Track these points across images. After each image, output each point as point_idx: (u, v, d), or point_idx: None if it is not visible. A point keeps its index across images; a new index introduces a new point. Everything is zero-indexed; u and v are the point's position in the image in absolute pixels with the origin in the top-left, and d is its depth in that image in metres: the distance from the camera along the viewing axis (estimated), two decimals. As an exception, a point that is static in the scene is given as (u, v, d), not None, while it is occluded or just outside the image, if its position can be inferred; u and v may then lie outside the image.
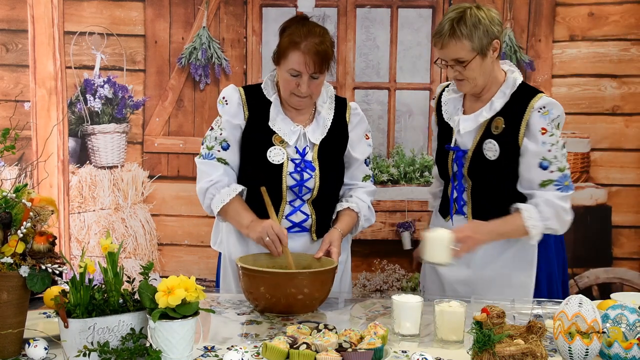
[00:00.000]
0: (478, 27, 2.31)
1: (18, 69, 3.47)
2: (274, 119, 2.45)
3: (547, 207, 2.35)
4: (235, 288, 2.55)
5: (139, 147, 3.52)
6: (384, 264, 3.54)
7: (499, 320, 1.69)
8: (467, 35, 2.30)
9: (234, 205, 2.41)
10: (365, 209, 2.54)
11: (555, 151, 2.37)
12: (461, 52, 2.32)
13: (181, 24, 3.45)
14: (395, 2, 3.42)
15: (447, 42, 2.32)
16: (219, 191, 2.42)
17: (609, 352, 1.74)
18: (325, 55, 2.35)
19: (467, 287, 2.47)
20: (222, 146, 2.46)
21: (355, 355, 1.70)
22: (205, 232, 3.36)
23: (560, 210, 2.36)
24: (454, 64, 2.35)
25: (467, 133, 2.45)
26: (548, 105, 2.37)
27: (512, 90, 2.41)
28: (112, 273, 1.75)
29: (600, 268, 3.46)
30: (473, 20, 2.31)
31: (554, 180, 2.37)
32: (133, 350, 1.69)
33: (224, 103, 2.48)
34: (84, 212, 3.54)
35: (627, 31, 3.35)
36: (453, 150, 2.47)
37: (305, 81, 2.36)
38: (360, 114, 2.58)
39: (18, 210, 1.76)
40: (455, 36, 2.30)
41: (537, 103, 2.37)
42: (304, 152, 2.46)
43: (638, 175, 3.42)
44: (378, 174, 3.49)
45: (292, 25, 2.39)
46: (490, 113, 2.41)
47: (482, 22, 2.31)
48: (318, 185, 2.45)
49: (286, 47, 2.35)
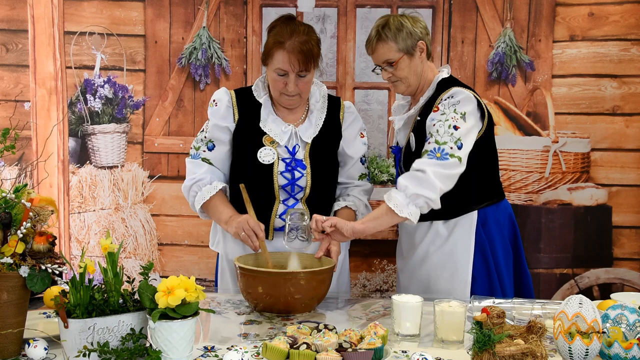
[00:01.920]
0: (401, 29, 2.51)
1: (18, 69, 3.47)
2: (264, 120, 2.48)
3: (405, 177, 2.36)
4: (232, 288, 2.56)
5: (139, 147, 3.52)
6: (384, 264, 3.54)
7: (499, 320, 1.69)
8: (392, 38, 2.50)
9: (214, 201, 2.47)
10: (363, 207, 2.57)
11: (439, 126, 2.41)
12: (389, 54, 2.51)
13: (181, 24, 3.45)
14: (395, 2, 3.42)
15: (376, 46, 2.53)
16: (200, 189, 2.48)
17: (609, 352, 1.74)
18: (310, 53, 2.38)
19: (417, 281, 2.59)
20: (207, 147, 2.53)
21: (355, 355, 1.70)
22: (205, 232, 3.36)
23: (419, 174, 2.34)
24: (385, 66, 2.54)
25: (400, 131, 2.66)
26: (454, 93, 2.47)
27: (433, 86, 2.56)
28: (112, 273, 1.75)
29: (601, 268, 3.46)
30: (396, 24, 2.52)
31: (428, 150, 2.40)
32: (133, 351, 1.69)
33: (213, 105, 2.54)
34: (84, 212, 3.54)
35: (627, 31, 3.35)
36: (393, 150, 2.69)
37: (292, 80, 2.39)
38: (355, 113, 2.62)
39: (18, 210, 1.76)
40: (381, 39, 2.51)
41: (447, 94, 2.47)
42: (294, 150, 2.48)
43: (638, 175, 3.42)
44: (378, 174, 3.48)
45: (277, 25, 2.43)
46: (417, 110, 2.56)
47: (405, 25, 2.52)
48: (310, 183, 2.46)
49: (271, 47, 2.39)
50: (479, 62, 3.40)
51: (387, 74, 2.56)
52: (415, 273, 2.58)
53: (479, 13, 3.39)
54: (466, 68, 3.41)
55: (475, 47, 3.40)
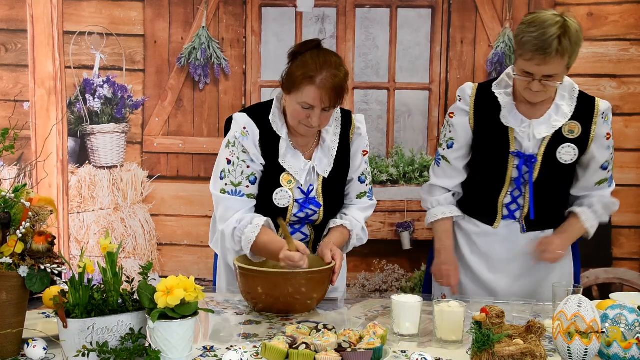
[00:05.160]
0: (579, 43, 2.28)
1: (17, 69, 3.47)
2: (284, 156, 2.36)
3: (600, 205, 2.52)
4: (225, 287, 2.54)
5: (139, 147, 3.52)
6: (384, 264, 3.54)
7: (498, 320, 1.69)
8: (569, 52, 2.26)
9: (261, 241, 2.29)
10: (359, 229, 2.49)
11: (612, 154, 2.53)
12: (559, 69, 2.29)
13: (180, 23, 3.45)
14: (394, 2, 3.42)
15: (551, 60, 2.25)
16: (243, 232, 2.31)
17: (608, 352, 1.74)
18: (341, 89, 2.26)
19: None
20: (249, 180, 2.36)
21: (355, 355, 1.70)
22: (204, 232, 3.36)
23: (610, 204, 2.56)
24: (543, 78, 2.30)
25: (533, 138, 2.45)
26: (607, 111, 2.48)
27: (573, 93, 2.46)
28: (112, 273, 1.75)
29: (600, 268, 3.46)
30: (575, 38, 2.26)
31: (607, 179, 2.53)
32: (132, 351, 1.69)
33: (246, 134, 2.33)
34: (83, 212, 3.54)
35: (626, 31, 3.35)
36: (519, 155, 2.45)
37: (317, 114, 2.26)
38: (362, 133, 2.49)
39: (17, 210, 1.76)
40: (559, 54, 2.25)
41: (600, 106, 2.46)
42: (309, 190, 2.41)
43: (638, 175, 3.42)
44: (377, 174, 3.49)
45: (306, 54, 2.27)
46: (563, 117, 2.44)
47: (579, 42, 2.29)
48: (322, 217, 2.44)
49: (300, 80, 2.23)
50: (478, 62, 3.40)
51: (538, 85, 2.31)
52: (520, 281, 2.58)
53: (478, 13, 3.39)
54: (465, 68, 3.41)
55: (475, 47, 3.40)
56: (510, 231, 2.55)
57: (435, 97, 3.47)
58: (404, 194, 3.53)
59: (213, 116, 3.48)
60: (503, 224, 2.56)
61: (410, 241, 3.50)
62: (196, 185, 3.49)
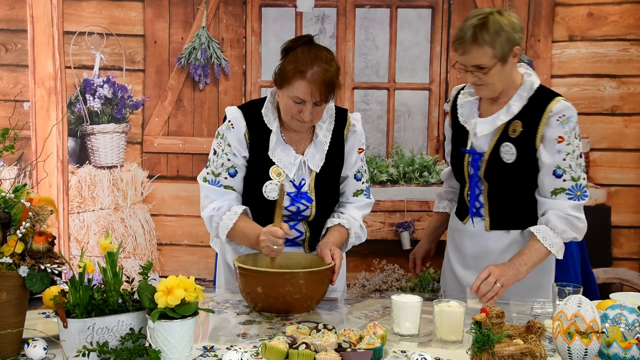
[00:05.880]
0: (500, 34, 2.27)
1: (17, 69, 3.47)
2: (273, 149, 2.39)
3: (559, 220, 2.36)
4: (224, 286, 2.55)
5: (139, 147, 3.52)
6: (383, 263, 3.54)
7: (498, 320, 1.69)
8: (489, 42, 2.27)
9: (238, 227, 2.35)
10: (357, 227, 2.49)
11: (570, 160, 2.36)
12: (483, 59, 2.29)
13: (180, 23, 3.45)
14: (394, 2, 3.42)
15: (469, 49, 2.29)
16: (221, 218, 2.37)
17: (608, 352, 1.74)
18: (332, 84, 2.27)
19: None
20: (229, 173, 2.41)
21: (355, 355, 1.70)
22: (204, 232, 3.35)
23: (572, 219, 2.37)
24: (473, 69, 2.32)
25: (484, 136, 2.44)
26: (567, 112, 2.35)
27: (529, 93, 2.40)
28: (112, 273, 1.75)
29: (600, 268, 3.46)
30: (496, 27, 2.27)
31: (565, 189, 2.37)
32: (132, 350, 1.69)
33: (230, 128, 2.39)
34: (83, 212, 3.54)
35: (626, 31, 3.35)
36: (469, 153, 2.47)
37: (309, 109, 2.28)
38: (357, 130, 2.49)
39: (17, 210, 1.76)
40: (477, 43, 2.27)
41: (554, 107, 2.35)
42: (301, 185, 2.41)
43: (637, 175, 3.42)
44: (377, 174, 3.49)
45: (297, 49, 2.29)
46: (508, 116, 2.40)
47: (505, 29, 2.27)
48: (314, 213, 2.44)
49: (291, 74, 2.26)
50: (478, 62, 3.40)
51: (474, 77, 2.35)
52: None
53: (478, 13, 3.39)
54: (465, 68, 3.41)
55: (475, 47, 3.40)
56: (478, 228, 2.53)
57: (435, 97, 3.47)
58: (403, 194, 3.53)
59: (213, 116, 3.49)
60: (471, 220, 2.54)
61: (410, 241, 3.50)
62: (196, 185, 3.43)
